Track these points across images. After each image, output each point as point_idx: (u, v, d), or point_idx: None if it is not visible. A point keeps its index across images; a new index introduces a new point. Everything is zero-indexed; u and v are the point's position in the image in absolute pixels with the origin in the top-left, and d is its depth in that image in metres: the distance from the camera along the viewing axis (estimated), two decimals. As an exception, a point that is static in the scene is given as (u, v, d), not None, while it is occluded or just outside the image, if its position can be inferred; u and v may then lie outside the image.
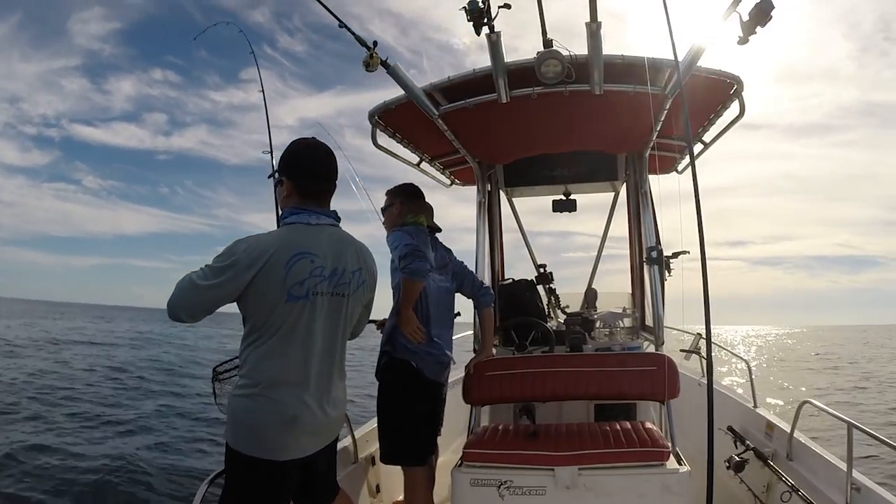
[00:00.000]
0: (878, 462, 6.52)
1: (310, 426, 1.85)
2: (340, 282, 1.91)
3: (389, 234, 2.81)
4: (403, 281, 2.65)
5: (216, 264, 1.76)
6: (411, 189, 3.06)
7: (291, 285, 1.78)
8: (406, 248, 2.61)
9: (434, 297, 2.86)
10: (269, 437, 1.79)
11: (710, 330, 1.92)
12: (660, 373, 2.77)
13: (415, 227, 2.82)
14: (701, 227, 1.79)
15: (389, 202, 3.02)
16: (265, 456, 1.79)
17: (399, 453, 2.79)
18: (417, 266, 2.59)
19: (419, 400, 2.77)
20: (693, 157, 2.07)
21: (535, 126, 3.45)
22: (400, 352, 2.75)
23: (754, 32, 1.98)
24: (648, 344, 3.76)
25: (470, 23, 2.32)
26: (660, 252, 3.37)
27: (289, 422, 1.80)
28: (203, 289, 1.74)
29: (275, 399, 1.79)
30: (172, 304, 1.75)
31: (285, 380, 1.81)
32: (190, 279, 1.75)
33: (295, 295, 1.79)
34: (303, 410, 1.82)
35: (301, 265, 1.80)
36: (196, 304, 1.76)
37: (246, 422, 1.80)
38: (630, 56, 2.64)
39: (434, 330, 2.82)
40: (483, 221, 4.04)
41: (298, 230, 1.87)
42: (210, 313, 1.81)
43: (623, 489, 2.34)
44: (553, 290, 4.51)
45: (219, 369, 2.34)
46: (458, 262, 3.13)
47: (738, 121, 3.11)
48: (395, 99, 3.10)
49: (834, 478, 2.62)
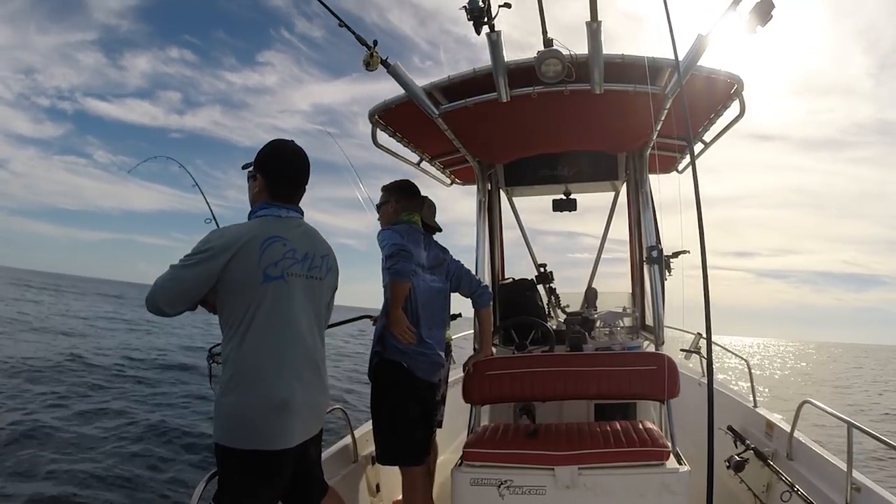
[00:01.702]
0: (878, 462, 6.52)
1: (300, 410, 1.88)
2: (313, 265, 1.99)
3: (380, 233, 2.79)
4: (389, 281, 2.64)
5: (193, 252, 1.83)
6: (407, 186, 3.04)
7: (266, 266, 1.85)
8: (392, 248, 2.60)
9: (424, 296, 2.82)
10: (262, 426, 1.81)
11: (711, 329, 1.92)
12: (660, 372, 2.76)
13: (407, 225, 2.80)
14: (701, 226, 1.78)
15: (385, 199, 2.99)
16: (260, 446, 1.81)
17: (395, 454, 2.78)
18: (402, 266, 2.58)
19: (412, 400, 2.75)
20: (693, 157, 2.07)
21: (535, 125, 3.45)
22: (390, 352, 2.73)
23: (755, 32, 1.99)
24: (648, 343, 3.76)
25: (470, 22, 2.32)
26: (660, 251, 3.37)
27: (280, 406, 1.82)
28: (181, 276, 1.79)
29: (264, 386, 1.81)
30: (152, 296, 1.78)
31: (272, 364, 1.83)
32: (167, 271, 1.81)
33: (270, 275, 1.85)
34: (292, 394, 1.85)
35: (274, 247, 1.88)
36: (176, 293, 1.80)
37: (237, 415, 1.82)
38: (630, 55, 2.63)
39: (425, 330, 2.78)
40: (483, 221, 4.04)
41: (269, 221, 1.96)
42: (190, 304, 1.84)
43: (623, 489, 2.34)
44: (553, 289, 4.50)
45: (214, 350, 2.36)
46: (455, 262, 3.09)
47: (739, 121, 3.11)
48: (396, 98, 3.10)
49: (834, 477, 2.62)
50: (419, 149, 3.91)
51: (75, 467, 5.96)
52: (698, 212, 1.79)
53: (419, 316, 2.79)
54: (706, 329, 1.93)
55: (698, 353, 3.93)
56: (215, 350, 2.35)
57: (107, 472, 5.93)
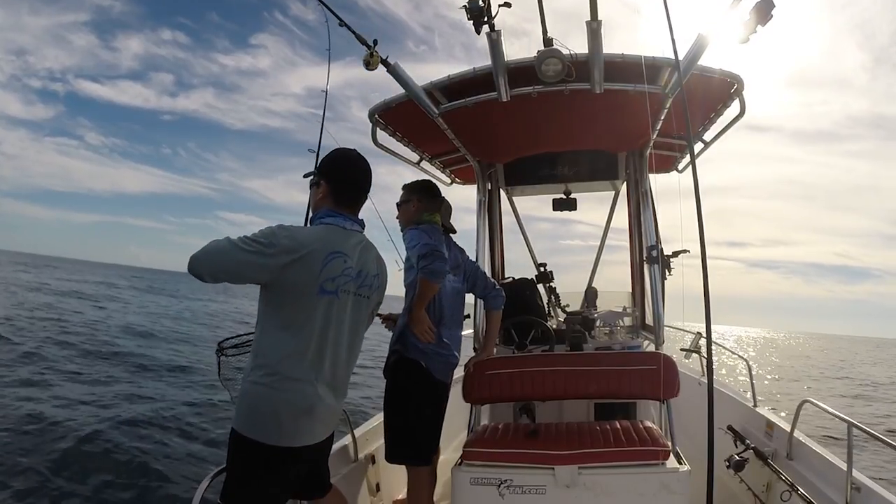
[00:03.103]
0: (878, 461, 6.53)
1: (323, 415, 1.94)
2: (364, 283, 2.04)
3: (406, 232, 2.78)
4: (421, 281, 2.61)
5: (258, 238, 1.81)
6: (430, 186, 3.03)
7: (324, 280, 1.88)
8: (426, 248, 2.57)
9: (448, 297, 2.85)
10: (287, 423, 1.85)
11: (711, 329, 1.92)
12: (660, 372, 2.77)
13: (431, 225, 2.79)
14: (701, 226, 1.78)
15: (406, 198, 2.96)
16: (281, 443, 1.84)
17: (405, 453, 2.78)
18: (438, 267, 2.56)
19: (427, 400, 2.77)
20: (693, 157, 2.07)
21: (535, 125, 3.45)
22: (411, 351, 2.73)
23: (755, 31, 1.98)
24: (648, 343, 3.76)
25: (470, 21, 2.32)
26: (660, 251, 3.37)
27: (306, 411, 1.87)
28: (240, 254, 1.77)
29: (294, 389, 1.85)
30: (199, 260, 1.76)
31: (310, 374, 1.88)
32: (228, 241, 1.80)
33: (326, 289, 1.89)
34: (318, 402, 1.90)
35: (335, 263, 1.92)
36: (224, 267, 1.79)
37: (263, 409, 1.84)
38: (630, 55, 2.63)
39: (445, 331, 2.80)
40: (483, 220, 4.05)
41: (335, 231, 1.99)
42: (232, 279, 1.83)
43: (623, 488, 2.34)
44: (553, 288, 4.51)
45: (224, 344, 2.37)
46: (471, 263, 3.11)
47: (739, 120, 3.11)
48: (396, 97, 3.10)
49: (834, 477, 2.62)
50: (419, 148, 3.91)
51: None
52: (698, 212, 1.79)
53: (444, 316, 2.80)
54: (706, 329, 1.93)
55: (698, 353, 3.93)
56: (225, 344, 2.37)
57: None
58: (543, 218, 5.05)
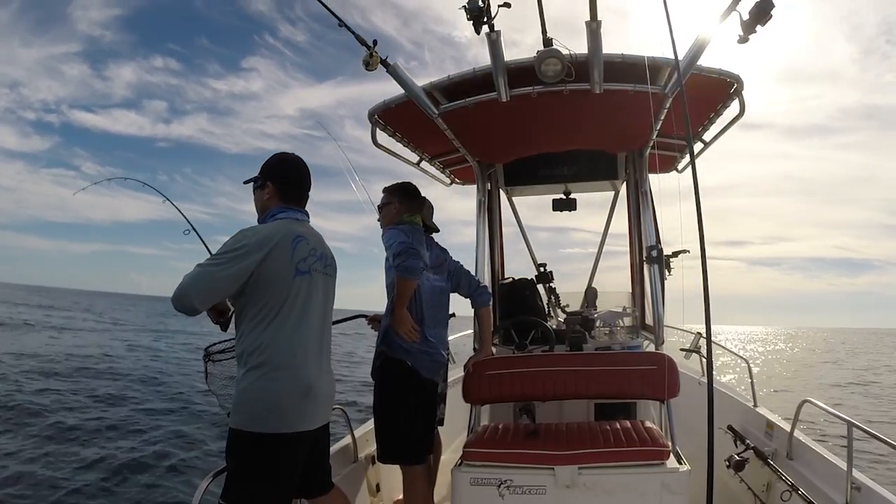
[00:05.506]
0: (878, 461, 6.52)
1: (318, 395, 2.03)
2: (327, 263, 2.19)
3: (384, 233, 2.80)
4: (397, 279, 2.64)
5: (227, 249, 1.92)
6: (409, 188, 3.05)
7: (298, 261, 2.03)
8: (400, 246, 2.60)
9: (428, 296, 2.85)
10: (289, 408, 1.92)
11: (711, 329, 1.92)
12: (660, 372, 2.76)
13: (410, 225, 2.81)
14: (701, 226, 1.78)
15: (387, 200, 2.99)
16: (282, 430, 1.90)
17: (396, 452, 2.79)
18: (412, 264, 2.58)
19: (415, 399, 2.77)
20: (693, 157, 2.07)
21: (535, 125, 3.44)
22: (395, 351, 2.74)
23: (754, 31, 1.98)
24: (648, 343, 3.76)
25: (470, 21, 2.31)
26: (660, 251, 3.37)
27: (305, 391, 1.97)
28: (217, 273, 1.88)
29: (292, 370, 1.95)
30: (184, 294, 1.83)
31: (300, 352, 1.99)
32: (201, 267, 1.89)
33: (301, 270, 2.04)
34: (315, 380, 2.01)
35: (302, 246, 2.07)
36: (210, 289, 1.89)
37: (264, 400, 1.90)
38: (630, 55, 2.63)
39: (429, 329, 2.81)
40: (483, 220, 4.04)
41: (291, 222, 2.14)
42: (223, 296, 1.98)
43: (623, 488, 2.34)
44: (553, 288, 4.51)
45: (211, 349, 2.40)
46: (454, 262, 3.12)
47: (738, 120, 3.11)
48: (395, 98, 3.10)
49: (834, 477, 2.62)
50: (419, 149, 3.91)
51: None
52: (698, 212, 1.78)
53: (424, 315, 2.81)
54: (706, 329, 1.93)
55: (698, 353, 3.93)
56: (212, 349, 2.46)
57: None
58: (542, 227, 5.07)
